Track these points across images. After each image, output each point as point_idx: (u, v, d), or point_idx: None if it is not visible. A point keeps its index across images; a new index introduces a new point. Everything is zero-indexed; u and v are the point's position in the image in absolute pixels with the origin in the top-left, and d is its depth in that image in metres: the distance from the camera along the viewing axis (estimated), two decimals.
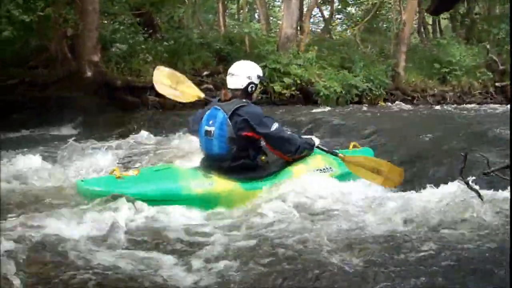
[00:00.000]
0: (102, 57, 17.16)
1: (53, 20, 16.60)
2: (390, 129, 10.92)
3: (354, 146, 7.60)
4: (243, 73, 6.33)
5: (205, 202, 5.85)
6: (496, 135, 9.12)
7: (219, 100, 6.39)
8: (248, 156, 6.19)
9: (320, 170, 6.63)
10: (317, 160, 6.76)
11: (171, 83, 7.02)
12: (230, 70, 6.45)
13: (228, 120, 6.02)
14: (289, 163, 6.50)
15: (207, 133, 6.19)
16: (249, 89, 6.35)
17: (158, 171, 6.21)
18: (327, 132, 11.62)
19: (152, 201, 5.61)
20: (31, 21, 14.29)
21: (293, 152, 6.27)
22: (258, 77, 6.42)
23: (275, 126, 6.11)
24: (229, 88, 6.38)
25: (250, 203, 5.97)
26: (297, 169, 6.46)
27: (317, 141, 6.61)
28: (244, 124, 6.03)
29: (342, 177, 6.67)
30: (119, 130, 13.71)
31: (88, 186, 5.78)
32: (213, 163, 6.19)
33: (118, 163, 8.78)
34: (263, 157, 6.33)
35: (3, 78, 15.62)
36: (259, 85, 6.53)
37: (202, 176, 6.07)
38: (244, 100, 6.22)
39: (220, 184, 6.00)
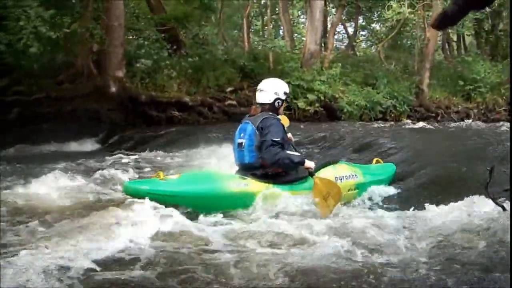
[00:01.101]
0: (127, 73, 17.32)
1: (79, 36, 16.77)
2: (413, 146, 10.88)
3: (377, 161, 8.15)
4: (271, 89, 6.84)
5: (241, 199, 6.23)
6: None
7: (249, 115, 6.89)
8: None
9: (346, 176, 7.09)
10: (343, 168, 7.30)
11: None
12: (259, 86, 6.95)
13: (256, 131, 6.51)
14: (318, 168, 6.99)
15: (239, 145, 6.71)
16: (276, 104, 6.82)
17: (198, 174, 6.96)
18: (351, 148, 11.60)
19: (194, 198, 6.02)
20: (58, 37, 14.43)
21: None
22: (285, 93, 6.90)
23: (275, 138, 6.42)
24: (258, 103, 6.90)
25: (281, 202, 6.30)
26: (324, 174, 6.87)
27: (311, 164, 6.77)
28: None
29: (365, 185, 7.25)
30: (143, 144, 13.81)
31: (135, 186, 6.19)
32: (247, 172, 6.59)
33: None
34: None
35: (30, 92, 15.77)
36: (284, 100, 6.95)
37: (238, 178, 6.51)
38: (270, 113, 6.68)
39: (254, 185, 6.38)
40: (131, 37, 20.71)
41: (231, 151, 7.18)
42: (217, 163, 9.61)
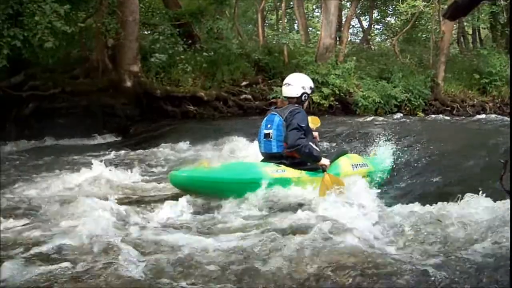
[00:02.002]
0: (142, 67, 17.37)
1: (95, 31, 16.83)
2: (428, 139, 10.85)
3: (375, 154, 8.60)
4: (298, 84, 7.15)
5: (281, 184, 6.62)
6: None
7: (276, 107, 7.23)
8: None
9: (359, 164, 7.66)
10: (357, 157, 7.97)
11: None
12: (287, 80, 7.24)
13: (284, 122, 6.81)
14: (336, 157, 7.53)
15: (266, 135, 7.02)
16: (303, 98, 7.14)
17: (236, 164, 7.41)
18: (365, 141, 11.59)
19: (239, 184, 6.47)
20: (73, 32, 14.49)
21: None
22: (311, 88, 7.26)
23: (300, 123, 6.76)
24: (284, 97, 7.24)
25: (315, 187, 6.77)
26: (342, 162, 7.48)
27: (326, 162, 7.06)
28: None
29: (374, 173, 7.81)
30: (158, 138, 13.83)
31: (183, 174, 6.58)
32: (275, 161, 6.93)
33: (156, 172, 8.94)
34: None
35: (46, 87, 15.83)
36: (310, 94, 7.35)
37: (274, 165, 6.83)
38: (296, 105, 6.99)
39: (290, 171, 6.81)
40: (146, 32, 20.75)
41: (247, 143, 7.42)
42: (236, 155, 9.72)
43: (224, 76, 19.62)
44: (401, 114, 21.58)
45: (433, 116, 21.97)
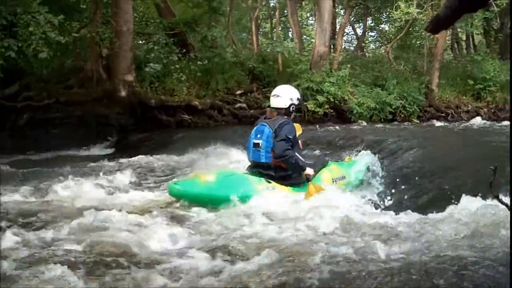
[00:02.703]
0: (136, 77, 17.38)
1: (89, 41, 16.84)
2: (422, 146, 10.82)
3: (349, 159, 9.12)
4: (286, 95, 7.52)
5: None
6: None
7: (265, 118, 7.60)
8: None
9: (339, 178, 7.98)
10: (336, 170, 8.19)
11: None
12: (275, 92, 7.62)
13: (273, 133, 7.14)
14: (319, 169, 7.82)
15: (255, 145, 7.36)
16: (291, 109, 7.52)
17: (231, 177, 7.38)
18: (359, 148, 11.62)
19: (230, 200, 6.72)
20: (67, 42, 14.52)
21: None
22: (298, 99, 7.62)
23: (288, 135, 7.13)
24: (273, 107, 7.56)
25: (301, 202, 6.89)
26: (324, 176, 7.78)
27: (311, 171, 7.49)
28: None
29: (350, 183, 8.13)
30: (153, 148, 13.83)
31: (179, 188, 6.94)
32: (262, 171, 7.33)
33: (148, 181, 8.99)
34: None
35: (40, 97, 15.82)
36: (298, 106, 7.66)
37: (265, 182, 7.17)
38: (285, 117, 7.37)
39: (279, 188, 7.16)
40: (140, 42, 20.77)
41: (241, 153, 7.60)
42: (228, 164, 9.79)
43: (219, 84, 19.63)
44: (396, 121, 21.66)
45: (428, 122, 22.05)
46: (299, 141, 7.85)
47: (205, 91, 19.31)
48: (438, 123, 21.30)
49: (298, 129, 7.96)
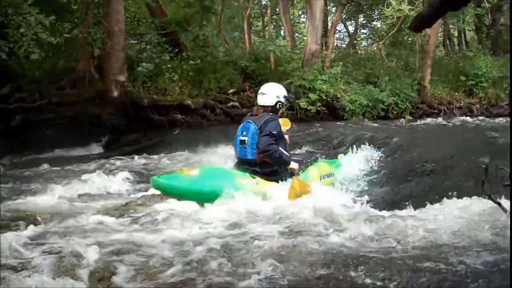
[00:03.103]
0: (128, 77, 17.32)
1: (80, 41, 16.81)
2: (414, 142, 10.91)
3: (341, 157, 9.27)
4: (273, 93, 7.66)
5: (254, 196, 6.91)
6: None
7: (251, 115, 7.68)
8: None
9: (327, 175, 8.12)
10: (325, 167, 8.31)
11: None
12: (261, 90, 7.74)
13: (258, 130, 7.25)
14: (304, 169, 7.95)
15: (242, 142, 7.46)
16: (277, 106, 7.66)
17: (215, 171, 7.58)
18: (351, 146, 11.65)
19: (214, 195, 6.74)
20: (59, 43, 14.48)
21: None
22: (285, 97, 7.77)
23: (272, 130, 7.23)
24: (259, 105, 7.69)
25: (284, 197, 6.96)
26: (311, 173, 7.94)
27: (295, 165, 7.66)
28: None
29: (340, 181, 8.29)
30: (145, 148, 13.86)
31: (163, 181, 6.93)
32: (248, 167, 7.39)
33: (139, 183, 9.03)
34: None
35: (33, 99, 15.77)
36: (285, 103, 7.77)
37: (249, 176, 7.25)
38: (271, 114, 7.47)
39: (263, 183, 7.19)
40: (132, 42, 20.73)
41: (233, 152, 7.66)
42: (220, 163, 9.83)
43: (211, 84, 19.60)
44: (389, 118, 21.68)
45: (421, 119, 22.09)
46: (286, 137, 7.91)
47: (198, 90, 19.28)
48: (430, 120, 21.34)
49: (287, 123, 8.12)
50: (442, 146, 10.68)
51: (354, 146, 10.06)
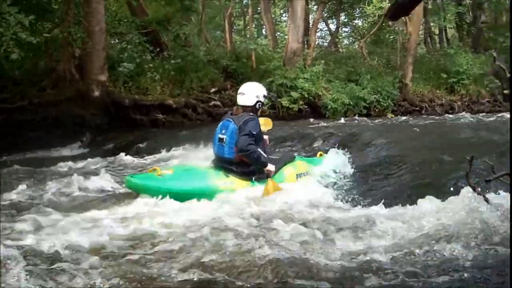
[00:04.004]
0: (109, 77, 17.25)
1: (61, 41, 16.71)
2: (396, 139, 10.92)
3: (321, 155, 9.18)
4: (252, 93, 7.64)
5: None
6: (503, 142, 9.11)
7: (231, 114, 7.68)
8: None
9: (304, 174, 8.11)
10: (301, 166, 8.28)
11: None
12: (241, 90, 7.72)
13: (238, 130, 7.23)
14: (280, 167, 7.89)
15: (220, 140, 7.46)
16: (257, 106, 7.66)
17: (189, 171, 7.58)
18: (333, 144, 11.65)
19: (188, 195, 6.85)
20: (38, 43, 14.38)
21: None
22: (264, 96, 7.77)
23: (252, 131, 7.21)
24: (239, 105, 7.65)
25: (260, 197, 7.00)
26: (287, 172, 7.94)
27: (272, 168, 7.58)
28: None
29: (317, 180, 8.13)
30: (127, 148, 13.78)
31: (136, 181, 6.98)
32: (226, 165, 7.40)
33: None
34: None
35: (13, 99, 15.67)
36: (265, 102, 7.80)
37: (223, 176, 7.31)
38: (251, 114, 7.45)
39: (237, 183, 7.27)
40: (113, 41, 20.64)
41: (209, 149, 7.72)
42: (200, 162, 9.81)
43: (193, 83, 19.60)
44: (371, 116, 21.76)
45: (402, 116, 22.19)
46: (266, 138, 8.01)
47: (179, 89, 19.25)
48: (412, 117, 21.46)
49: (268, 124, 8.21)
50: (424, 142, 10.69)
51: (336, 144, 10.08)
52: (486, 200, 5.26)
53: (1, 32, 12.56)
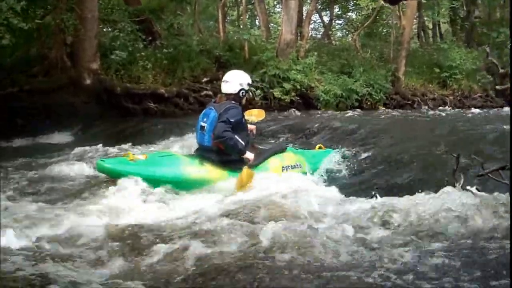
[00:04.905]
0: (101, 65, 17.16)
1: (53, 28, 16.62)
2: (387, 133, 10.93)
3: (320, 148, 9.03)
4: (235, 81, 7.61)
5: (200, 185, 7.06)
6: (494, 138, 9.13)
7: (215, 102, 7.67)
8: None
9: (291, 166, 7.94)
10: (290, 157, 8.12)
11: None
12: (225, 77, 7.69)
13: (218, 118, 7.17)
14: (265, 158, 7.83)
15: (202, 128, 7.42)
16: (241, 94, 7.60)
17: (163, 157, 7.44)
18: (324, 136, 11.63)
19: (158, 181, 6.82)
20: (30, 29, 14.29)
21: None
22: (248, 84, 7.73)
23: (230, 118, 7.14)
24: (223, 93, 7.61)
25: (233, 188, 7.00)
26: (273, 163, 7.81)
27: (250, 156, 7.48)
28: None
29: (307, 174, 8.01)
30: (118, 136, 13.73)
31: (107, 165, 6.92)
32: (205, 154, 7.38)
33: None
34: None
35: (3, 86, 15.56)
36: (254, 92, 7.29)
37: (198, 164, 7.27)
38: (233, 102, 7.42)
39: (212, 172, 7.23)
40: (105, 29, 20.55)
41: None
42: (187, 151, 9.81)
43: (185, 72, 19.53)
44: (362, 109, 21.79)
45: (394, 109, 22.23)
46: (253, 127, 8.11)
47: (171, 79, 19.20)
48: (404, 111, 21.49)
49: (261, 115, 8.16)
50: (415, 137, 10.72)
51: (330, 137, 10.05)
52: (473, 193, 5.26)
53: None
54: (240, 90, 7.55)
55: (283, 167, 7.85)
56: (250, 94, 8.04)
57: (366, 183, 7.53)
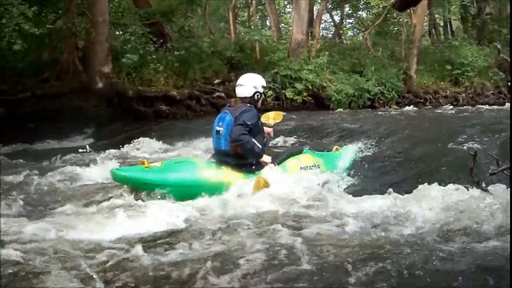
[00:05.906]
0: (113, 68, 17.17)
1: (64, 32, 16.66)
2: (401, 132, 10.89)
3: (337, 149, 8.80)
4: (250, 84, 7.46)
5: (217, 189, 6.78)
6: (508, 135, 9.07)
7: (229, 106, 7.49)
8: None
9: (309, 167, 7.77)
10: (308, 158, 7.96)
11: None
12: (239, 81, 7.54)
13: (234, 121, 7.03)
14: (283, 159, 7.64)
15: (217, 132, 7.28)
16: (255, 97, 7.46)
17: (179, 163, 7.27)
18: (338, 136, 11.61)
19: (175, 187, 6.63)
20: (41, 34, 14.33)
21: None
22: (263, 87, 7.58)
23: (247, 121, 6.98)
24: (238, 97, 7.47)
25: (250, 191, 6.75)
26: (290, 164, 7.63)
27: (268, 159, 7.31)
28: None
29: (326, 174, 7.76)
30: (130, 140, 13.72)
31: (123, 173, 6.77)
32: (222, 158, 7.24)
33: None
34: None
35: (15, 91, 15.60)
36: (266, 92, 7.21)
37: (215, 167, 7.12)
38: (248, 105, 7.26)
39: (229, 175, 7.02)
40: (117, 33, 20.58)
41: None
42: (200, 155, 9.79)
43: (196, 74, 19.54)
44: (375, 108, 21.75)
45: (407, 108, 22.16)
46: (271, 130, 7.91)
47: (183, 81, 19.21)
48: (417, 109, 21.43)
49: (278, 117, 8.18)
50: (429, 134, 10.67)
51: (345, 137, 10.00)
52: (488, 192, 5.24)
53: (4, 23, 12.52)
54: (255, 93, 7.44)
55: (301, 167, 7.71)
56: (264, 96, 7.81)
57: (382, 181, 7.47)
